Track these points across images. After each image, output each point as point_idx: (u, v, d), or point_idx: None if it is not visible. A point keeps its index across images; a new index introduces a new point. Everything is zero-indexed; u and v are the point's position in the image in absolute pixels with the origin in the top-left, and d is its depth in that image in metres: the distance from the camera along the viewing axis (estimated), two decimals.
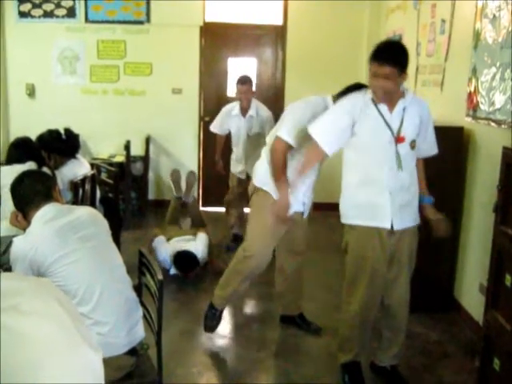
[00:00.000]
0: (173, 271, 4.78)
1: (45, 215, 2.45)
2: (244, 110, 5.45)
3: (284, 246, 3.76)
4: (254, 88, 5.47)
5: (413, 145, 2.99)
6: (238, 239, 5.75)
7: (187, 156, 7.14)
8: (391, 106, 2.93)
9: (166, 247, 4.84)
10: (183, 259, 4.74)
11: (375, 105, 2.93)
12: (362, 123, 2.93)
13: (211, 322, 3.76)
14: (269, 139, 3.66)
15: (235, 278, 3.65)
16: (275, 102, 6.77)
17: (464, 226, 4.16)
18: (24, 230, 2.49)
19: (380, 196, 2.96)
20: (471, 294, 4.01)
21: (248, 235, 3.64)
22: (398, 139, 2.92)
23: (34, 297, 1.20)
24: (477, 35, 3.97)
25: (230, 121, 5.58)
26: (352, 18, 6.89)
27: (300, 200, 3.56)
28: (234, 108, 5.53)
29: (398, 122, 2.93)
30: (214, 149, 5.92)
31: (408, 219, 3.06)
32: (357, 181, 3.02)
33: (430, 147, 3.18)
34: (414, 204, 3.10)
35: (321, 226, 6.02)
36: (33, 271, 2.34)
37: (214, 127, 5.78)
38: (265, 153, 3.64)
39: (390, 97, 2.90)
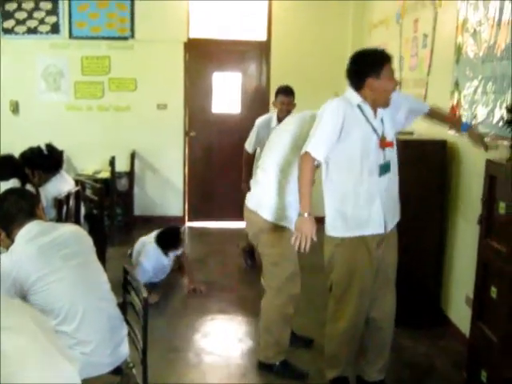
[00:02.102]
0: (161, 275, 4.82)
1: (28, 233, 2.43)
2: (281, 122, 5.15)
3: None
4: None
5: (393, 144, 3.02)
6: (252, 254, 5.50)
7: (173, 171, 7.13)
8: (375, 111, 2.96)
9: (143, 270, 4.66)
10: (165, 236, 4.79)
11: (362, 111, 2.92)
12: (350, 130, 2.88)
13: (292, 372, 3.47)
14: (265, 163, 3.39)
15: (283, 322, 3.44)
16: (260, 116, 6.76)
17: (449, 238, 4.18)
18: (7, 248, 2.46)
19: (372, 205, 2.94)
20: (458, 307, 4.02)
21: (282, 276, 3.34)
22: (386, 144, 2.93)
23: (7, 313, 1.20)
24: (458, 49, 4.01)
25: (267, 133, 4.92)
26: (335, 34, 6.94)
27: (282, 215, 3.34)
28: (271, 120, 5.14)
29: (381, 126, 2.95)
30: (240, 169, 5.37)
31: (395, 216, 3.09)
32: (345, 192, 2.96)
33: (419, 107, 3.27)
34: (397, 198, 3.12)
35: None
36: (16, 289, 2.31)
37: (250, 145, 5.22)
38: (270, 181, 3.29)
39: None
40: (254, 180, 3.46)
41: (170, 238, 4.82)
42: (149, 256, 4.71)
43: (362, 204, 2.95)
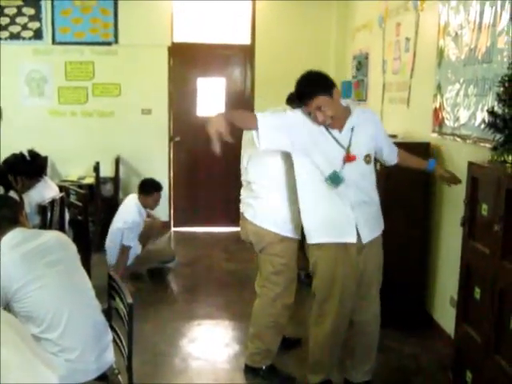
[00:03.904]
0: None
1: (11, 240, 2.42)
2: None
3: None
4: None
5: (367, 159, 3.01)
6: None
7: (157, 176, 6.97)
8: (340, 126, 2.95)
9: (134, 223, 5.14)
10: (147, 182, 5.40)
11: (325, 126, 2.93)
12: (313, 141, 2.92)
13: (279, 377, 3.48)
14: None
15: (275, 330, 3.44)
16: None
17: (433, 240, 4.20)
18: None
19: (342, 212, 2.97)
20: (443, 308, 4.05)
21: (281, 285, 3.37)
22: (349, 158, 2.92)
23: None
24: (440, 53, 4.05)
25: None
26: (319, 38, 6.97)
27: (287, 227, 3.34)
28: None
29: (347, 140, 2.94)
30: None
31: (374, 229, 3.09)
32: (315, 200, 3.01)
33: (391, 151, 3.27)
34: (378, 212, 3.13)
35: None
36: None
37: None
38: (274, 197, 3.29)
39: (338, 120, 2.93)
40: (252, 195, 3.38)
41: (150, 183, 5.40)
42: (134, 212, 5.16)
43: (331, 212, 2.98)
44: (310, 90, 2.87)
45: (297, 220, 3.28)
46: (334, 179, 2.92)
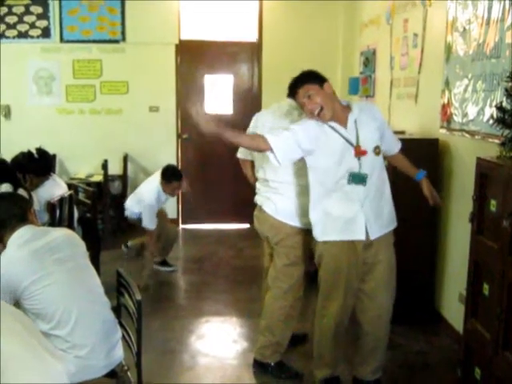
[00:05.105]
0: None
1: (20, 238, 2.43)
2: None
3: None
4: None
5: (377, 151, 2.99)
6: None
7: None
8: (343, 122, 2.96)
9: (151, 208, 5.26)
10: (169, 170, 5.37)
11: (328, 124, 2.95)
12: (321, 144, 2.94)
13: (287, 373, 3.50)
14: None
15: (286, 323, 3.47)
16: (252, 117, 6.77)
17: (442, 236, 4.19)
18: None
19: (351, 209, 2.97)
20: (451, 304, 4.04)
21: (294, 278, 3.41)
22: (360, 152, 2.93)
23: None
24: (448, 48, 4.03)
25: None
26: (326, 33, 6.96)
27: (304, 220, 3.36)
28: None
29: (354, 135, 2.95)
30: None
31: (384, 225, 3.08)
32: (324, 199, 3.02)
33: (392, 145, 3.26)
34: (389, 208, 3.12)
35: None
36: (9, 294, 2.30)
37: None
38: (296, 194, 3.34)
39: (335, 113, 2.94)
40: (271, 191, 3.41)
41: (171, 171, 5.39)
42: (152, 195, 5.27)
43: (341, 210, 2.98)
44: (300, 80, 3.03)
45: (311, 213, 3.29)
46: (357, 178, 2.93)
